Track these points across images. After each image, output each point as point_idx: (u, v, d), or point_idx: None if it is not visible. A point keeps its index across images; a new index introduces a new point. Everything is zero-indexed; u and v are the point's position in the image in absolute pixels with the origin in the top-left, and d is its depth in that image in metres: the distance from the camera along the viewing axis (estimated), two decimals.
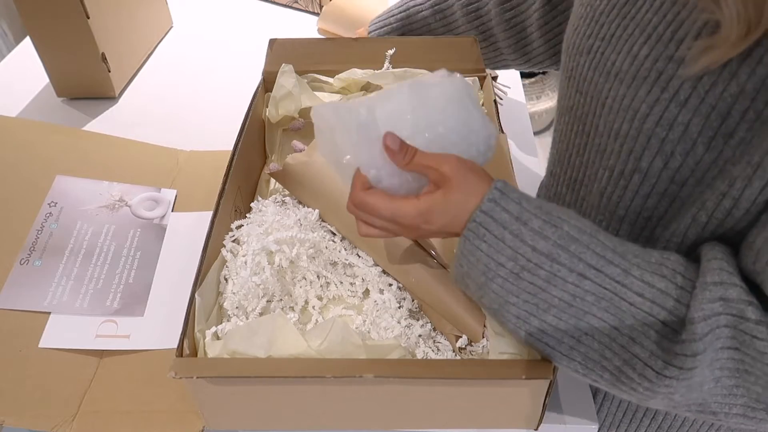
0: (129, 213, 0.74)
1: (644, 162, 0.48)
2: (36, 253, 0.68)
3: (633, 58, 0.48)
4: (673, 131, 0.45)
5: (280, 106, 0.79)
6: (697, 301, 0.40)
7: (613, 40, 0.50)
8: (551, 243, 0.43)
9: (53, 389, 0.58)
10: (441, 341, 0.60)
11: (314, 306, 0.64)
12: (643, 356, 0.42)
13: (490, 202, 0.44)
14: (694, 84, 0.43)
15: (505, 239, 0.43)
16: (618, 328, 0.43)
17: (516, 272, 0.43)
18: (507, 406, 0.53)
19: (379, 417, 0.55)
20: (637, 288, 0.42)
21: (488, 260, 0.44)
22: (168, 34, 1.11)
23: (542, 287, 0.43)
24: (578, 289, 0.42)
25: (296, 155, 0.71)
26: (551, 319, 0.44)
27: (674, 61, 0.45)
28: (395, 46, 0.86)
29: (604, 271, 0.42)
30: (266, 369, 0.50)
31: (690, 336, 0.40)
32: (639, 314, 0.42)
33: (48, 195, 0.74)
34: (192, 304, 0.54)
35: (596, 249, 0.43)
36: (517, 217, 0.43)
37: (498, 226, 0.43)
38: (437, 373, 0.50)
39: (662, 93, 0.45)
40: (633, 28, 0.48)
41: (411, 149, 0.48)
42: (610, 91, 0.49)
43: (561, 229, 0.43)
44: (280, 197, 0.73)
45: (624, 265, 0.42)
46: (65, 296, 0.65)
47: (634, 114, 0.47)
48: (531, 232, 0.43)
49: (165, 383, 0.56)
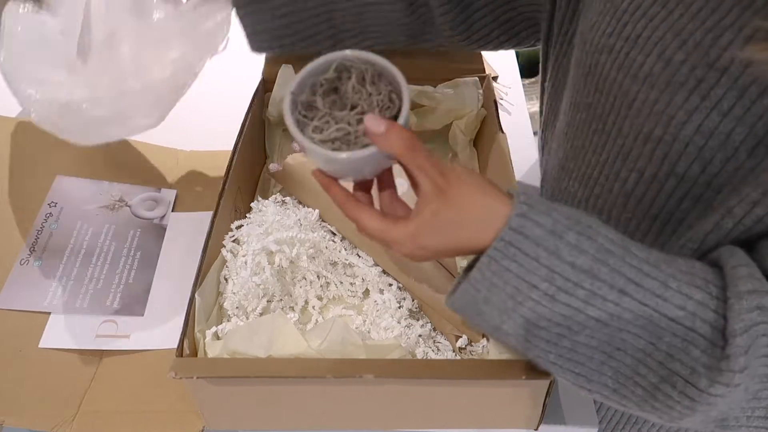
0: (129, 213, 0.74)
1: (680, 167, 0.46)
2: (36, 253, 0.68)
3: (666, 63, 0.45)
4: (713, 139, 0.43)
5: (280, 106, 0.79)
6: (734, 312, 0.38)
7: (639, 41, 0.47)
8: (590, 258, 0.39)
9: (53, 389, 0.58)
10: (441, 341, 0.60)
11: (314, 306, 0.64)
12: (683, 373, 0.40)
13: (520, 217, 0.39)
14: (740, 94, 0.42)
15: (540, 258, 0.39)
16: (655, 344, 0.40)
17: (551, 294, 0.39)
18: (507, 406, 0.53)
19: (379, 417, 0.55)
20: (678, 301, 0.39)
21: (519, 282, 0.40)
22: None
23: (579, 308, 0.40)
24: (617, 307, 0.39)
25: (296, 155, 0.71)
26: (583, 338, 0.41)
27: (716, 69, 0.43)
28: None
29: (643, 285, 0.39)
30: (266, 369, 0.50)
31: (735, 350, 0.38)
32: (680, 330, 0.39)
33: (48, 195, 0.74)
34: (192, 304, 0.54)
35: (632, 262, 0.40)
36: (552, 231, 0.39)
37: (531, 244, 0.39)
38: (437, 373, 0.50)
39: (702, 101, 0.43)
40: (664, 30, 0.46)
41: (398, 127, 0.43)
42: (638, 93, 0.47)
43: (596, 241, 0.40)
44: (280, 197, 0.73)
45: (661, 277, 0.40)
46: (65, 296, 0.65)
47: (669, 120, 0.45)
48: (568, 246, 0.39)
49: (165, 383, 0.56)
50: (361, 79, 0.44)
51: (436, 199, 0.42)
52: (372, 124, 0.42)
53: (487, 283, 0.41)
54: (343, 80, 0.45)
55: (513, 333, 0.42)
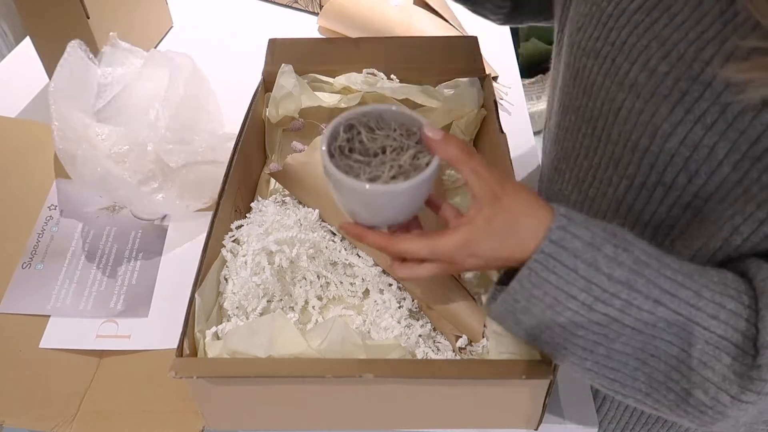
0: (129, 215, 0.74)
1: (668, 177, 0.47)
2: (38, 256, 0.68)
3: (650, 73, 0.46)
4: (697, 152, 0.44)
5: (280, 106, 0.79)
6: (766, 323, 0.39)
7: (625, 47, 0.48)
8: (627, 269, 0.40)
9: (53, 389, 0.58)
10: (441, 341, 0.60)
11: (314, 306, 0.64)
12: (715, 380, 0.41)
13: (560, 230, 0.40)
14: (722, 109, 0.42)
15: (579, 269, 0.40)
16: (688, 351, 0.41)
17: (588, 304, 0.41)
18: (507, 406, 0.53)
19: (379, 417, 0.55)
20: (711, 310, 0.40)
21: (558, 293, 0.41)
22: (168, 34, 1.11)
23: (615, 317, 0.41)
24: (652, 316, 0.41)
25: (296, 155, 0.71)
26: (619, 345, 0.42)
27: (699, 83, 0.43)
28: (395, 45, 0.86)
29: (678, 296, 0.41)
30: (266, 369, 0.50)
31: (766, 360, 0.39)
32: (712, 338, 0.40)
33: (48, 197, 0.74)
34: (192, 304, 0.54)
35: (667, 273, 0.41)
36: (590, 243, 0.40)
37: (570, 256, 0.40)
38: (437, 373, 0.50)
39: (686, 114, 0.44)
40: (648, 39, 0.47)
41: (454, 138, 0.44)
42: (625, 101, 0.48)
43: (632, 253, 0.41)
44: (280, 197, 0.73)
45: (695, 287, 0.41)
46: (68, 299, 0.65)
47: (655, 130, 0.46)
48: (606, 258, 0.40)
49: (165, 383, 0.56)
50: (369, 129, 0.47)
51: (490, 206, 0.42)
52: (431, 132, 0.44)
53: (526, 293, 0.42)
54: (354, 138, 0.47)
55: (550, 341, 0.44)
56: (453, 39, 0.92)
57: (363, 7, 1.04)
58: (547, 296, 0.41)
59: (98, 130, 0.75)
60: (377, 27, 1.02)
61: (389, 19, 1.01)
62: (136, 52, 0.87)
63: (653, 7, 0.47)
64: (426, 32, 1.00)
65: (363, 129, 0.47)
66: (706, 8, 0.44)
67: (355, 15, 1.04)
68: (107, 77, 0.83)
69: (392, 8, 1.03)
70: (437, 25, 1.02)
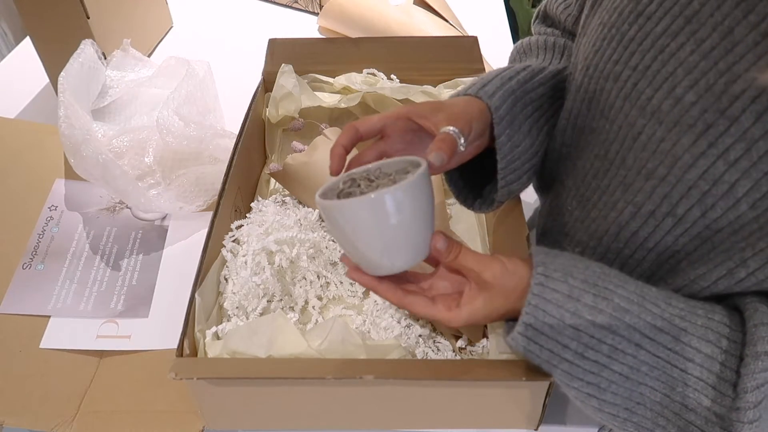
0: (130, 215, 0.74)
1: (680, 209, 0.46)
2: (38, 257, 0.68)
3: (675, 101, 0.45)
4: (717, 187, 0.43)
5: (280, 106, 0.79)
6: (749, 371, 0.41)
7: (648, 73, 0.47)
8: (608, 316, 0.43)
9: (53, 389, 0.58)
10: (441, 341, 0.60)
11: (314, 306, 0.64)
12: (698, 423, 0.43)
13: (539, 286, 0.44)
14: (748, 146, 0.41)
15: (564, 318, 0.43)
16: (669, 396, 0.43)
17: (580, 351, 0.43)
18: (507, 407, 0.53)
19: (379, 417, 0.55)
20: (689, 354, 0.43)
21: (552, 344, 0.44)
22: (168, 34, 1.11)
23: (605, 363, 0.43)
24: (635, 360, 0.43)
25: (296, 155, 0.71)
26: (609, 396, 0.44)
27: (726, 117, 0.42)
28: (395, 45, 0.86)
29: (656, 340, 0.43)
30: (266, 369, 0.50)
31: (745, 404, 0.41)
32: (690, 380, 0.42)
33: (48, 198, 0.74)
34: (192, 304, 0.54)
35: (647, 318, 0.43)
36: (569, 296, 0.43)
37: (554, 307, 0.43)
38: (437, 373, 0.50)
39: (709, 148, 0.43)
40: (674, 65, 0.45)
41: (456, 247, 0.48)
42: (645, 127, 0.47)
43: (612, 301, 0.43)
44: (280, 197, 0.73)
45: (673, 331, 0.43)
46: (69, 299, 0.65)
47: (674, 161, 0.45)
48: (586, 308, 0.43)
49: (165, 383, 0.56)
50: (368, 180, 0.48)
51: (483, 293, 0.47)
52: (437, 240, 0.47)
53: (522, 350, 0.45)
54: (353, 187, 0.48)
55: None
56: (453, 39, 0.92)
57: (363, 7, 1.04)
58: (543, 350, 0.44)
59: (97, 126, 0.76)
60: (377, 27, 1.02)
61: (389, 19, 1.01)
62: (145, 61, 0.89)
63: (679, 31, 0.45)
64: (426, 32, 1.00)
65: (362, 181, 0.48)
66: (738, 37, 0.42)
67: (355, 15, 1.04)
68: (113, 80, 0.85)
69: (392, 8, 1.03)
70: (437, 25, 1.02)
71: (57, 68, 0.93)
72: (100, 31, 0.89)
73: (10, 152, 0.78)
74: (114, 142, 0.76)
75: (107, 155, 0.67)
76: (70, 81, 0.74)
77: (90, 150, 0.66)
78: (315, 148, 0.70)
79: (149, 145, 0.77)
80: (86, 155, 0.66)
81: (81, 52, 0.78)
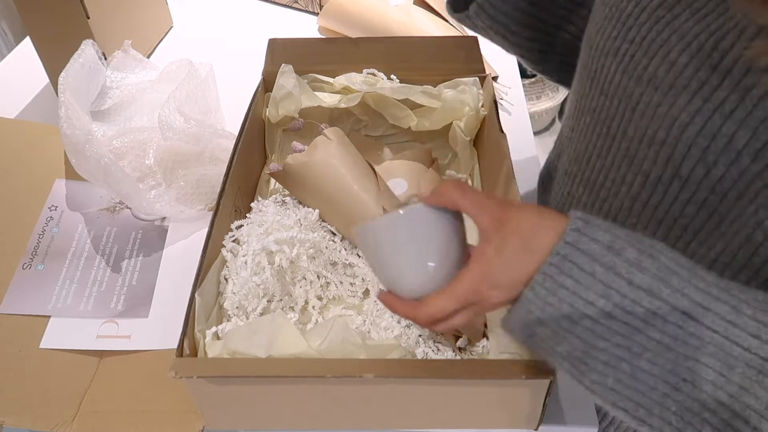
0: (130, 215, 0.74)
1: (684, 169, 0.45)
2: (38, 257, 0.68)
3: (670, 65, 0.45)
4: (715, 142, 0.43)
5: (280, 106, 0.79)
6: None
7: (644, 43, 0.47)
8: (650, 276, 0.38)
9: (53, 389, 0.58)
10: (441, 341, 0.60)
11: (314, 306, 0.64)
12: (757, 408, 0.37)
13: (575, 233, 0.39)
14: (741, 96, 0.41)
15: (596, 273, 0.38)
16: (726, 376, 0.37)
17: (608, 311, 0.38)
18: (507, 406, 0.53)
19: (379, 417, 0.55)
20: (752, 329, 0.37)
21: (574, 299, 0.38)
22: (168, 34, 1.11)
23: (639, 328, 0.38)
24: (681, 331, 0.37)
25: (296, 155, 0.71)
26: (644, 363, 0.38)
27: (718, 72, 0.42)
28: (395, 45, 0.86)
29: (712, 309, 0.37)
30: (266, 369, 0.50)
31: None
32: (754, 360, 0.37)
33: (48, 198, 0.74)
34: (192, 304, 0.54)
35: (699, 284, 0.38)
36: (609, 247, 0.38)
37: (587, 259, 0.38)
38: (437, 373, 0.50)
39: (704, 103, 0.43)
40: (669, 33, 0.46)
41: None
42: (642, 96, 0.47)
43: (658, 260, 0.38)
44: (280, 197, 0.73)
45: (732, 301, 0.38)
46: (69, 300, 0.65)
47: (672, 122, 0.45)
48: (626, 263, 0.38)
49: (165, 383, 0.56)
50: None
51: (497, 233, 0.41)
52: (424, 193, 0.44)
53: (540, 302, 0.40)
54: None
55: (568, 356, 0.41)
56: (453, 39, 0.92)
57: (363, 7, 1.04)
58: (564, 303, 0.39)
59: (97, 126, 0.76)
60: (377, 27, 1.02)
61: (389, 19, 1.01)
62: (145, 63, 0.89)
63: (675, 2, 0.46)
64: (426, 32, 1.00)
65: None
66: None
67: (355, 15, 1.04)
68: (113, 81, 0.85)
69: (392, 8, 1.03)
70: (437, 25, 1.02)
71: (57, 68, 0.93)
72: (100, 31, 0.89)
73: (10, 152, 0.78)
74: (114, 143, 0.77)
75: (109, 158, 0.67)
76: (71, 81, 0.74)
77: (92, 151, 0.66)
78: (315, 148, 0.70)
79: (150, 146, 0.77)
80: (88, 156, 0.66)
81: (81, 52, 0.78)
